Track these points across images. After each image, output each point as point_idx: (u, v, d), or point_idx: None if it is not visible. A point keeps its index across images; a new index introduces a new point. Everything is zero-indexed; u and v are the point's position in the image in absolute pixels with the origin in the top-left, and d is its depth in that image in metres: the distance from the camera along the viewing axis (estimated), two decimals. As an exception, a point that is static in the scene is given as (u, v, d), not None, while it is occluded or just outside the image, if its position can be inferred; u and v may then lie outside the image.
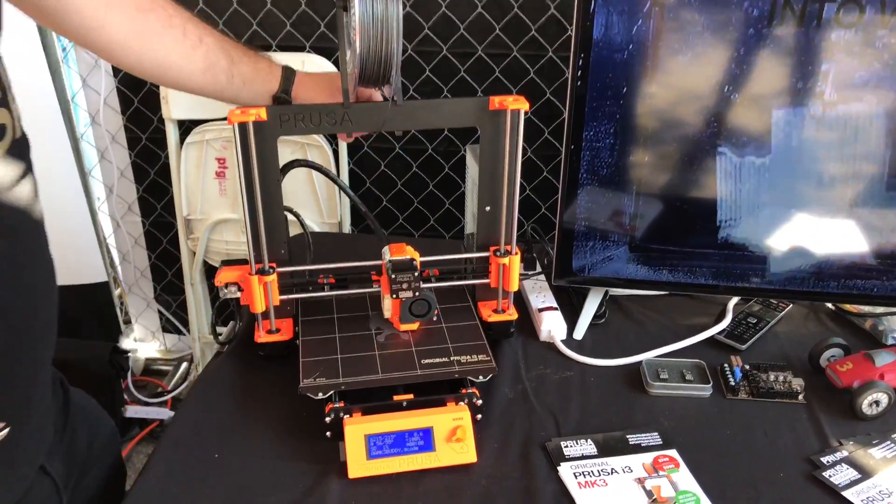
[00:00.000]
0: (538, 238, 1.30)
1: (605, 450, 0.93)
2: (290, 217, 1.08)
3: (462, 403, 0.94)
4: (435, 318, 1.03)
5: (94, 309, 2.00)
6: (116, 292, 2.10)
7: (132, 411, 1.89)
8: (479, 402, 0.95)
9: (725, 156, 1.04)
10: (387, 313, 1.03)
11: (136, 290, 2.07)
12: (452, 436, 0.90)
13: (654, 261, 1.12)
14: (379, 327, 1.05)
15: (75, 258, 1.97)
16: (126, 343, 2.10)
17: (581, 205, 1.09)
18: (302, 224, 1.17)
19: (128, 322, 2.13)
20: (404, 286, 0.98)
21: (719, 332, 1.13)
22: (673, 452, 0.92)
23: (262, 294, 1.01)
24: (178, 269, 1.97)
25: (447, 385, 0.97)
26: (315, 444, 0.93)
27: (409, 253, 0.99)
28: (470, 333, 1.04)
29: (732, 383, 1.03)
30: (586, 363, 1.08)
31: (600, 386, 1.04)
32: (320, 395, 0.94)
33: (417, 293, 0.99)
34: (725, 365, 1.06)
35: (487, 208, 1.05)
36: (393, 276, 0.97)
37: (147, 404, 1.94)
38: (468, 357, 0.99)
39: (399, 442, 0.90)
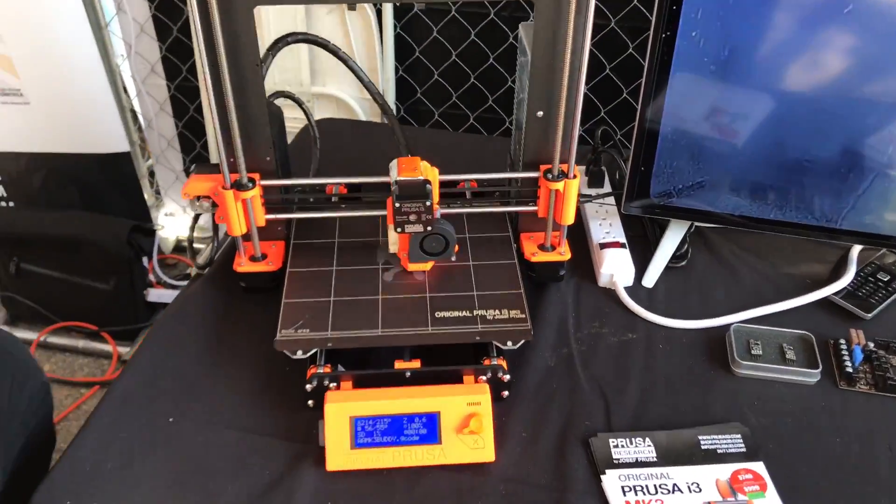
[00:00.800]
0: (610, 146, 1.02)
1: (668, 455, 0.70)
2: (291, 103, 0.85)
3: (482, 379, 0.72)
4: (454, 258, 0.79)
5: (117, 181, 1.82)
6: (147, 163, 1.91)
7: (155, 295, 1.75)
8: (507, 377, 0.72)
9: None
10: (392, 248, 0.80)
11: (164, 160, 1.89)
12: (465, 426, 0.68)
13: (763, 190, 0.84)
14: (388, 261, 0.82)
15: (95, 123, 1.77)
16: (158, 218, 1.94)
17: (672, 103, 0.81)
18: (306, 112, 0.93)
19: (157, 195, 1.96)
20: (412, 218, 0.74)
21: (837, 293, 0.86)
22: (759, 467, 0.69)
23: (240, 213, 0.78)
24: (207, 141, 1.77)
25: (467, 348, 0.75)
26: (294, 414, 0.73)
27: (423, 171, 0.74)
28: (505, 277, 0.80)
29: (849, 369, 0.77)
30: (655, 322, 0.83)
31: (670, 356, 0.80)
32: (300, 354, 0.73)
33: (430, 227, 0.74)
34: (842, 341, 0.80)
35: (539, 113, 0.78)
36: (398, 205, 0.73)
37: (172, 287, 1.80)
38: (497, 312, 0.75)
39: (395, 428, 0.69)
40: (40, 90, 1.65)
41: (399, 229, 0.74)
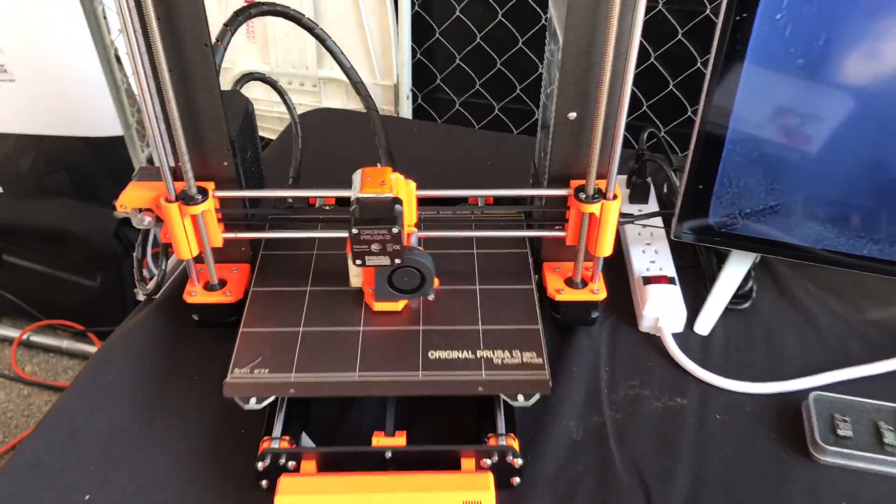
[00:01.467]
0: (655, 152, 0.84)
1: (729, 578, 0.52)
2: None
3: (486, 464, 0.55)
4: (432, 296, 0.63)
5: (111, 168, 1.67)
6: (145, 150, 1.76)
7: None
8: (518, 461, 0.55)
9: None
10: (354, 281, 0.63)
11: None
12: (459, 532, 0.52)
13: (855, 219, 0.66)
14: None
15: (86, 104, 1.63)
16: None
17: (744, 105, 0.63)
18: (285, 100, 0.76)
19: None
20: (374, 247, 0.57)
21: (948, 352, 0.67)
22: None
23: (189, 232, 0.62)
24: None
25: (466, 401, 0.59)
26: (245, 493, 0.57)
27: (392, 187, 0.57)
28: (518, 307, 0.64)
29: (970, 460, 0.59)
30: (711, 383, 0.66)
31: (731, 431, 0.62)
32: (253, 404, 0.57)
33: (398, 259, 0.58)
34: (958, 420, 0.62)
35: (572, 115, 0.60)
36: (355, 231, 0.56)
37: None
38: (506, 355, 0.59)
39: (367, 532, 0.52)
40: (26, 66, 1.51)
41: (358, 262, 0.58)
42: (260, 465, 0.55)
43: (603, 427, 0.62)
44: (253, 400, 0.57)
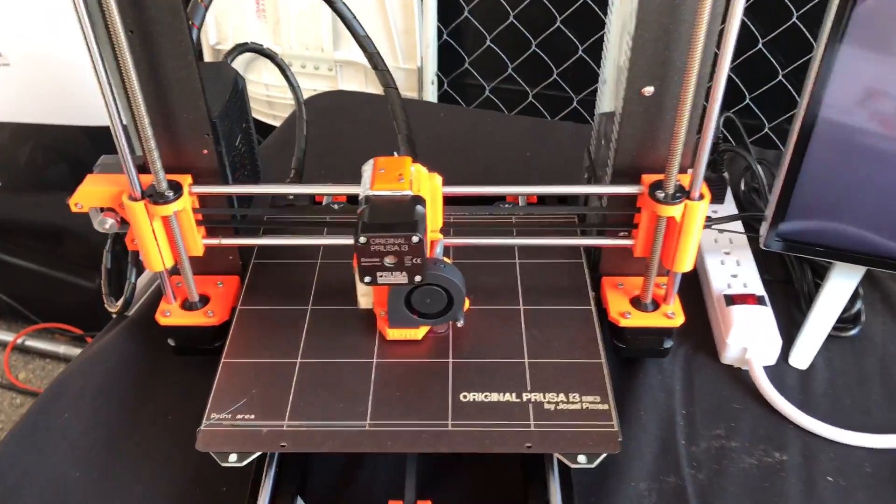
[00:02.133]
0: (734, 146, 0.70)
1: None
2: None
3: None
4: (461, 321, 0.49)
5: (111, 159, 1.56)
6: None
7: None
8: (578, 544, 0.42)
9: None
10: (363, 302, 0.50)
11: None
12: None
13: None
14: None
15: (86, 91, 1.52)
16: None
17: (858, 88, 0.49)
18: (287, 77, 0.63)
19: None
20: (388, 261, 0.43)
21: None
22: None
23: (160, 238, 0.49)
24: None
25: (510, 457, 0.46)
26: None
27: (412, 182, 0.44)
28: (574, 333, 0.50)
29: None
30: (817, 433, 0.52)
31: (849, 499, 0.48)
32: (233, 461, 0.44)
33: (419, 277, 0.44)
34: None
35: (648, 90, 0.47)
36: (363, 241, 0.42)
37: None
38: (560, 398, 0.46)
39: None
40: (21, 48, 1.41)
41: (366, 279, 0.44)
42: (240, 544, 0.42)
43: (682, 492, 0.48)
44: (233, 456, 0.44)
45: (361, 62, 1.29)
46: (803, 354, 0.57)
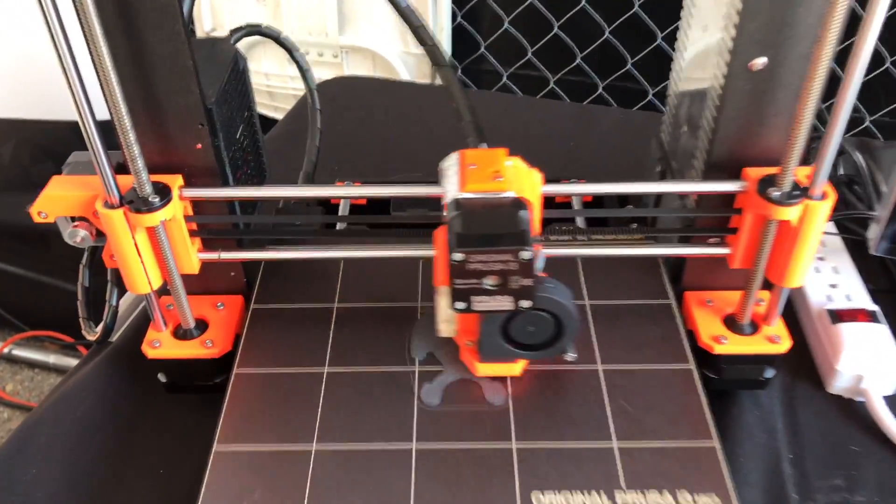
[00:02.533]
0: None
1: None
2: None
3: None
4: (574, 356, 0.39)
5: (102, 156, 1.47)
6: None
7: (143, 302, 1.40)
8: None
9: None
10: (445, 329, 0.40)
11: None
12: None
13: None
14: (433, 355, 0.42)
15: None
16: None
17: None
18: (297, 62, 0.54)
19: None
20: (490, 282, 0.34)
21: None
22: None
23: (147, 253, 0.39)
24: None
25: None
26: None
27: (511, 180, 0.34)
28: (677, 416, 0.40)
29: None
30: (956, 480, 0.42)
31: None
32: None
33: (528, 301, 0.34)
34: None
35: (760, 61, 0.37)
36: (459, 258, 0.33)
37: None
38: (669, 501, 0.35)
39: None
40: (2, 37, 1.31)
41: (459, 305, 0.35)
42: None
43: (801, 559, 0.39)
44: None
45: (369, 48, 1.19)
46: (927, 382, 0.47)
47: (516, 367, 0.40)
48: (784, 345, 0.43)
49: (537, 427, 0.39)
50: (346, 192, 0.45)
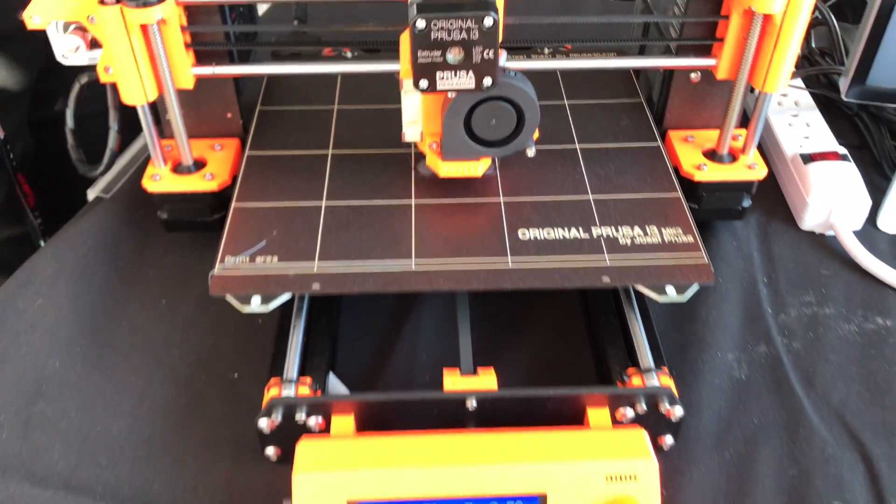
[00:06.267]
0: None
1: None
2: None
3: (624, 417, 0.34)
4: (532, 150, 0.42)
5: None
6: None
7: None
8: (676, 411, 0.34)
9: None
10: (410, 131, 0.42)
11: None
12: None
13: None
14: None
15: None
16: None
17: None
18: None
19: None
20: (451, 56, 0.35)
21: None
22: None
23: (143, 56, 0.40)
24: None
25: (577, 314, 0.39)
26: (243, 470, 0.36)
27: None
28: (645, 173, 0.44)
29: None
30: (918, 296, 0.45)
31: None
32: (256, 305, 0.36)
33: (490, 79, 0.36)
34: None
35: None
36: (421, 25, 0.34)
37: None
38: (636, 232, 0.40)
39: (445, 527, 0.31)
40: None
41: (423, 83, 0.36)
42: (265, 423, 0.34)
43: (777, 361, 0.41)
44: (256, 299, 0.36)
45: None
46: (892, 217, 0.50)
47: (479, 166, 0.42)
48: (761, 171, 0.45)
49: (521, 187, 0.43)
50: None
